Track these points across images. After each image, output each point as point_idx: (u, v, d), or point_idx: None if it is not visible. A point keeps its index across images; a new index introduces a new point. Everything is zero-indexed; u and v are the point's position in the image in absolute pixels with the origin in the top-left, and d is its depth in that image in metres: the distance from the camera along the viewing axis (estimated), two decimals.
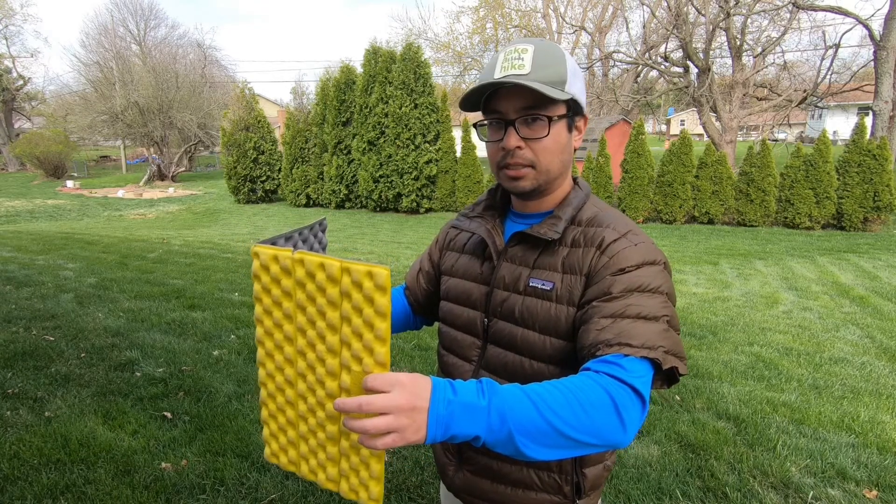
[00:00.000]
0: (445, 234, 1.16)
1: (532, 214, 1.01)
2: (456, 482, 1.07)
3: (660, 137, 43.81)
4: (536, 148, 0.90)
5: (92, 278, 5.89)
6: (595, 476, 1.00)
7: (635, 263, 0.87)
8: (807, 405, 3.29)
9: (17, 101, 36.65)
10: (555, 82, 0.87)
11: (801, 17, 17.34)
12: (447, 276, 1.10)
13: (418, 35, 29.68)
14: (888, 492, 2.41)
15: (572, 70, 0.91)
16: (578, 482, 0.98)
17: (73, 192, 23.96)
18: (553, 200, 0.99)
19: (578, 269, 0.90)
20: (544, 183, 0.94)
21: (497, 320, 0.98)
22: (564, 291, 0.90)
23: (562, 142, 0.92)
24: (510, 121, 0.90)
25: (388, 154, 15.45)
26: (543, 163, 0.92)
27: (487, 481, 1.03)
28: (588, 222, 0.95)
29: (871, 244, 10.25)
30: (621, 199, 13.41)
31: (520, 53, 0.88)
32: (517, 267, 0.97)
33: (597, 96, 21.79)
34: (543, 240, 0.95)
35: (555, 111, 0.90)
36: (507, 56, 0.89)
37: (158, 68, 28.70)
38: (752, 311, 5.63)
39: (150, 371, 3.42)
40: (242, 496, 2.25)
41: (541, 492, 1.00)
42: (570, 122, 0.94)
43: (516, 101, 0.88)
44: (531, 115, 0.89)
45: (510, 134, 0.90)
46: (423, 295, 1.20)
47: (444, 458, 1.10)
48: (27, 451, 2.48)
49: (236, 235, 11.83)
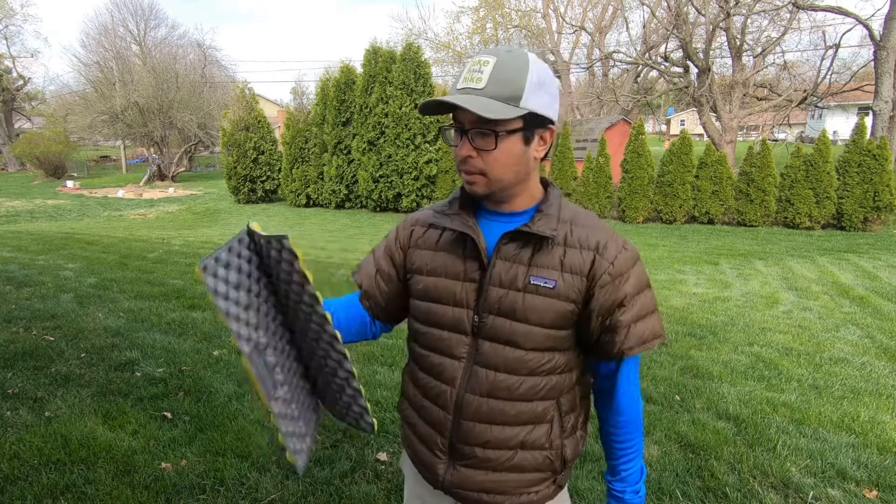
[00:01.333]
0: (410, 233, 1.13)
1: (505, 213, 1.04)
2: (447, 479, 1.08)
3: (660, 137, 43.81)
4: (487, 159, 0.95)
5: (92, 278, 5.89)
6: (574, 445, 1.08)
7: (629, 266, 0.99)
8: (807, 405, 3.29)
9: (17, 101, 36.68)
10: (508, 98, 0.91)
11: (801, 17, 17.36)
12: (420, 275, 1.08)
13: (418, 35, 29.68)
14: (888, 492, 2.41)
15: (536, 83, 0.93)
16: (563, 454, 1.06)
17: (73, 192, 23.96)
18: (521, 203, 1.03)
19: (579, 269, 0.98)
20: (497, 190, 0.99)
21: (493, 317, 1.00)
22: (567, 290, 0.97)
23: (515, 153, 0.96)
24: (465, 130, 0.95)
25: (388, 154, 15.45)
26: (494, 173, 0.96)
27: (482, 472, 1.05)
28: (571, 221, 1.01)
29: (871, 244, 10.25)
30: (621, 199, 13.41)
31: (480, 66, 0.92)
32: (513, 264, 0.99)
33: (597, 96, 21.81)
34: (536, 238, 0.98)
35: (504, 126, 0.93)
36: (469, 68, 0.94)
37: (158, 68, 28.70)
38: (752, 311, 5.63)
39: (150, 371, 3.42)
40: (242, 496, 2.25)
41: (534, 471, 1.05)
42: (526, 134, 0.96)
43: (469, 114, 0.92)
44: (481, 129, 0.93)
45: (463, 143, 0.95)
46: (385, 298, 1.16)
47: (433, 457, 1.09)
48: (27, 451, 2.47)
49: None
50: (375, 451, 2.60)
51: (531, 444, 1.03)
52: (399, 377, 3.45)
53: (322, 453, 2.57)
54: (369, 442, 2.69)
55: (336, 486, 2.32)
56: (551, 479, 1.07)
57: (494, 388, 1.01)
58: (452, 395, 1.04)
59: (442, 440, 1.07)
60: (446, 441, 1.06)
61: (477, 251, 1.01)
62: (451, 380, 1.04)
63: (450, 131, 0.99)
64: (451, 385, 1.04)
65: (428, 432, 1.09)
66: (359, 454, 2.57)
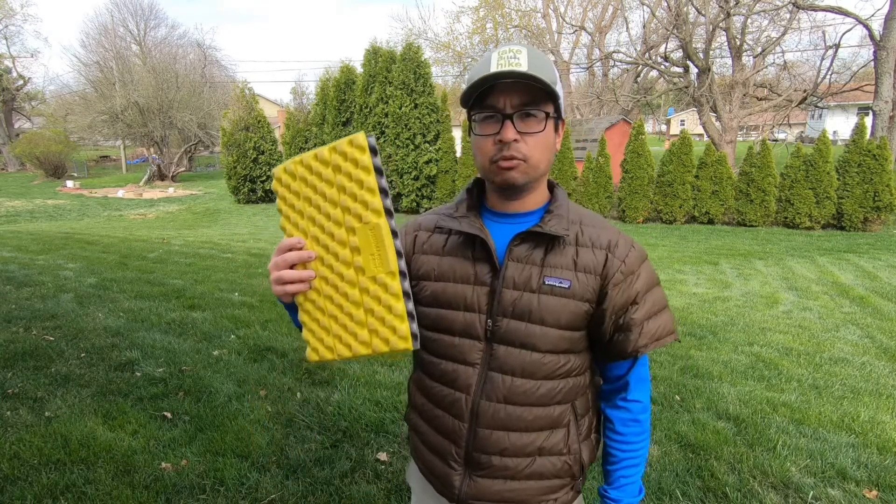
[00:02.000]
0: (413, 238, 1.09)
1: (513, 214, 1.02)
2: (464, 490, 1.04)
3: (660, 137, 43.80)
4: (531, 142, 0.93)
5: (92, 278, 5.89)
6: (590, 449, 1.07)
7: (640, 264, 0.99)
8: (807, 405, 3.29)
9: (17, 101, 36.66)
10: (550, 81, 0.91)
11: (801, 17, 17.34)
12: (427, 280, 1.04)
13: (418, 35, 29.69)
14: (888, 492, 2.41)
15: (558, 75, 0.96)
16: (581, 459, 1.05)
17: (73, 192, 23.95)
18: (533, 200, 1.01)
19: (593, 268, 0.97)
20: (532, 178, 0.97)
21: (507, 320, 0.98)
22: (581, 289, 0.97)
23: (550, 140, 0.96)
24: (507, 115, 0.92)
25: (388, 154, 15.44)
26: (535, 158, 0.94)
27: (500, 481, 1.02)
28: (580, 221, 1.01)
29: (871, 244, 10.25)
30: (621, 199, 13.41)
31: (515, 53, 0.91)
32: (525, 266, 0.97)
33: (597, 96, 21.80)
34: (548, 238, 0.97)
35: (549, 108, 0.93)
36: (502, 55, 0.91)
37: (158, 68, 28.70)
38: (752, 311, 5.63)
39: (150, 371, 3.42)
40: (242, 496, 2.25)
41: (553, 478, 1.03)
42: (556, 122, 0.97)
43: (514, 96, 0.91)
44: (528, 110, 0.91)
45: (507, 127, 0.91)
46: None
47: (447, 469, 1.05)
48: (27, 451, 2.47)
49: (236, 235, 11.83)
50: (375, 451, 2.60)
51: (549, 450, 1.01)
52: (400, 377, 3.45)
53: (322, 453, 2.57)
54: (369, 442, 2.69)
55: (336, 486, 2.32)
56: (570, 485, 1.05)
57: (511, 394, 0.98)
58: (468, 403, 1.01)
59: (457, 450, 1.03)
60: (462, 451, 1.03)
61: (487, 253, 0.99)
62: (465, 387, 1.01)
63: (481, 120, 0.94)
64: (465, 392, 1.01)
65: (441, 442, 1.06)
66: (359, 454, 2.57)
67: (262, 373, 3.46)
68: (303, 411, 2.97)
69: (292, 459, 2.51)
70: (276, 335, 4.16)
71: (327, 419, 2.90)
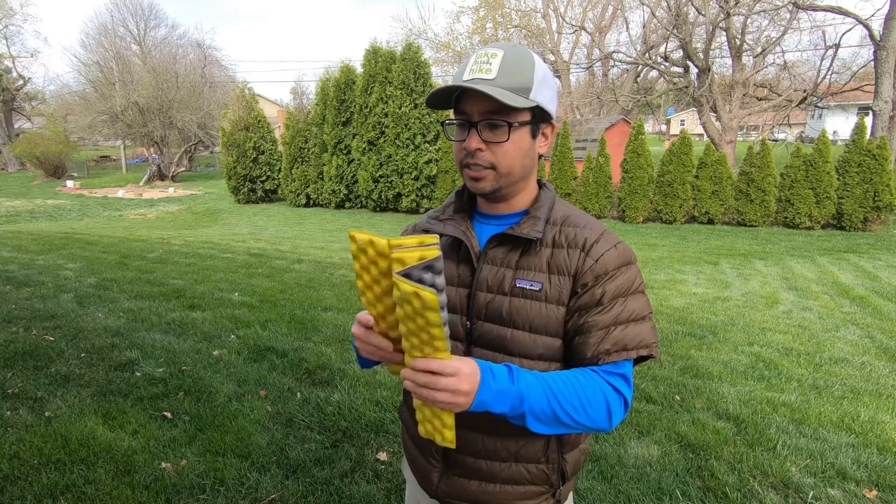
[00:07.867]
0: None
1: (501, 216, 1.02)
2: (441, 487, 1.06)
3: (660, 137, 43.79)
4: (497, 151, 0.93)
5: (92, 278, 5.89)
6: (575, 460, 1.05)
7: (617, 266, 0.94)
8: (807, 405, 3.29)
9: (17, 101, 36.66)
10: (519, 89, 0.89)
11: (801, 17, 17.33)
12: None
13: (418, 35, 29.67)
14: (888, 492, 2.41)
15: (541, 78, 0.93)
16: (562, 468, 1.03)
17: (73, 192, 23.95)
18: (520, 202, 1.01)
19: (565, 269, 0.94)
20: (505, 185, 0.96)
21: (482, 322, 0.98)
22: (554, 292, 0.94)
23: (524, 147, 0.95)
24: (473, 123, 0.92)
25: (388, 154, 15.44)
26: (503, 166, 0.94)
27: (476, 482, 1.03)
28: (563, 222, 0.99)
29: (871, 244, 10.25)
30: (621, 199, 13.40)
31: (489, 58, 0.90)
32: (499, 268, 0.97)
33: (597, 96, 21.77)
34: (524, 240, 0.97)
35: (517, 118, 0.92)
36: (476, 59, 0.91)
37: (158, 68, 28.71)
38: (752, 311, 5.63)
39: (150, 371, 3.42)
40: (242, 496, 2.25)
41: (529, 484, 1.02)
42: (534, 128, 0.95)
43: (480, 104, 0.91)
44: (493, 119, 0.91)
45: (472, 136, 0.92)
46: None
47: (427, 464, 1.07)
48: (27, 451, 2.47)
49: (236, 235, 11.82)
50: (375, 451, 2.60)
51: (526, 458, 1.00)
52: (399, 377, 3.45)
53: (322, 453, 2.57)
54: (369, 442, 2.70)
55: (336, 486, 2.32)
56: (549, 492, 1.04)
57: None
58: None
59: (435, 448, 1.04)
60: (440, 449, 1.04)
61: (469, 256, 1.00)
62: None
63: (452, 126, 0.97)
64: None
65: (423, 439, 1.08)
66: (359, 454, 2.57)
67: (262, 373, 3.46)
68: (303, 411, 2.97)
69: (292, 459, 2.51)
70: (276, 335, 4.16)
71: (327, 419, 2.90)
